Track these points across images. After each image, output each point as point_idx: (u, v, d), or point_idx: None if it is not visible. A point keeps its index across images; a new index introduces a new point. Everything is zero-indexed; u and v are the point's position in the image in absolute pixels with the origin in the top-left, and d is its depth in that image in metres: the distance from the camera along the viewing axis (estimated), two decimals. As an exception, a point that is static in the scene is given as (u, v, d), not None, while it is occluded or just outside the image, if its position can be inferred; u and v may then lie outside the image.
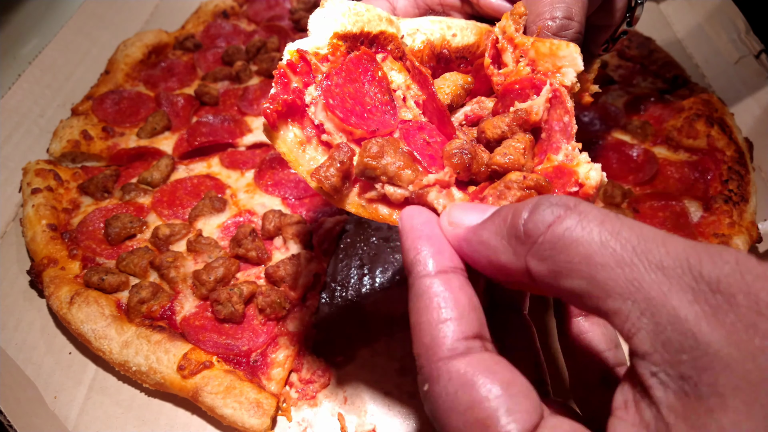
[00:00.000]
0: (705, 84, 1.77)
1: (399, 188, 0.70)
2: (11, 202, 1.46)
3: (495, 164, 0.71)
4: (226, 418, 1.05)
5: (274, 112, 0.73)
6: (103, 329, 1.14)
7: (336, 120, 0.74)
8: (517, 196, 0.65)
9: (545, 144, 0.73)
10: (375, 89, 0.80)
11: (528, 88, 0.75)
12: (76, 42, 1.83)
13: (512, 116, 0.73)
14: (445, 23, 0.88)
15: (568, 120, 0.71)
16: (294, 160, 0.75)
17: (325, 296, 1.31)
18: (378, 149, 0.69)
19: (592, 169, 0.66)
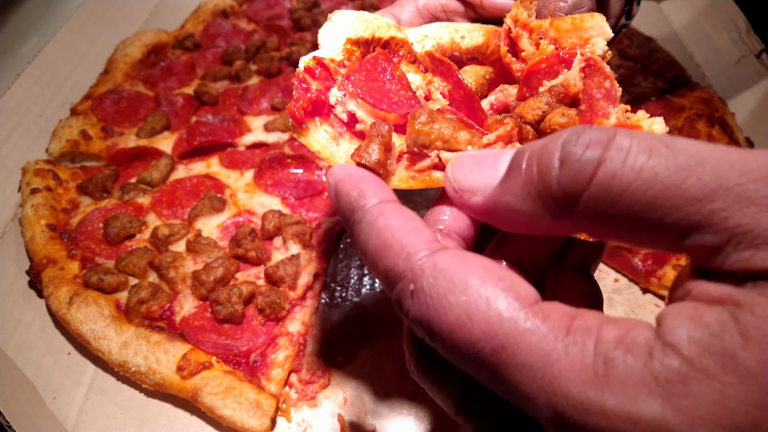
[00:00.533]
0: (706, 84, 1.76)
1: (457, 152, 0.68)
2: (10, 202, 1.46)
3: (556, 124, 0.68)
4: (225, 419, 1.05)
5: (301, 109, 0.73)
6: (102, 329, 1.14)
7: (368, 107, 0.74)
8: None
9: (588, 114, 0.72)
10: (397, 86, 0.80)
11: (556, 64, 0.74)
12: (76, 41, 1.83)
13: (549, 94, 0.72)
14: (452, 27, 0.89)
15: (610, 85, 0.71)
16: (330, 155, 0.75)
17: (325, 296, 1.31)
18: (428, 117, 0.68)
19: (655, 123, 0.65)
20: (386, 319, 1.25)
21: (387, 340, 1.21)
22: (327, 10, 2.04)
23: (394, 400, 1.12)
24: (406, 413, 1.10)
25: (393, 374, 1.16)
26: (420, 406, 1.11)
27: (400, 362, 1.18)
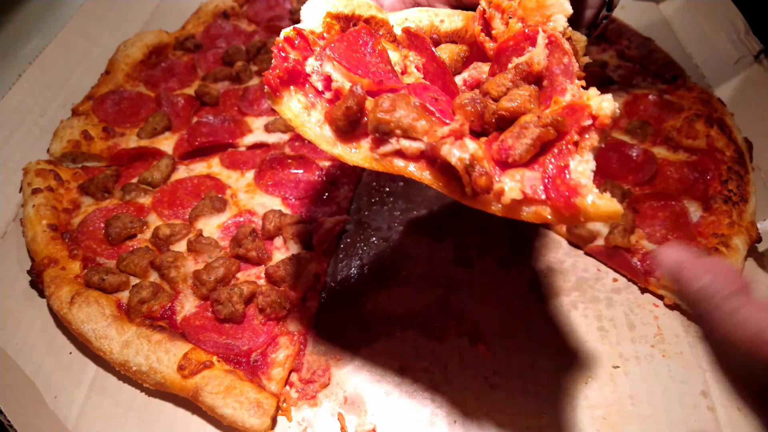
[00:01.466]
0: (704, 84, 1.77)
1: (414, 141, 0.71)
2: (12, 202, 1.46)
3: (502, 109, 0.71)
4: (226, 418, 1.05)
5: (276, 77, 0.75)
6: (103, 329, 1.14)
7: (343, 69, 0.76)
8: (536, 133, 0.66)
9: (549, 90, 0.74)
10: (376, 59, 0.82)
11: (522, 41, 0.77)
12: (77, 42, 1.84)
13: (514, 71, 0.74)
14: (432, 12, 0.92)
15: (568, 60, 0.73)
16: (301, 124, 0.77)
17: (324, 296, 1.31)
18: (390, 103, 0.70)
19: (604, 100, 0.66)
20: (386, 319, 1.26)
21: (387, 340, 1.22)
22: (327, 11, 2.05)
23: (394, 399, 1.13)
24: (406, 413, 1.11)
25: (393, 373, 1.17)
26: (420, 405, 1.12)
27: (400, 362, 1.18)
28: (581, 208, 0.63)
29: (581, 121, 0.67)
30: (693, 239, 1.31)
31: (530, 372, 1.16)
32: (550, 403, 1.11)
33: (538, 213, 0.67)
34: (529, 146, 0.67)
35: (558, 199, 0.65)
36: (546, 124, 0.67)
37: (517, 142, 0.67)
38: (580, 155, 0.67)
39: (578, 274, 1.35)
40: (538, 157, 0.69)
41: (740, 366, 0.61)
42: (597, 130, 0.67)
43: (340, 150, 0.76)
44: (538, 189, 0.66)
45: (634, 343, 1.21)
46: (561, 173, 0.66)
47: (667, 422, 1.08)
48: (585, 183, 0.64)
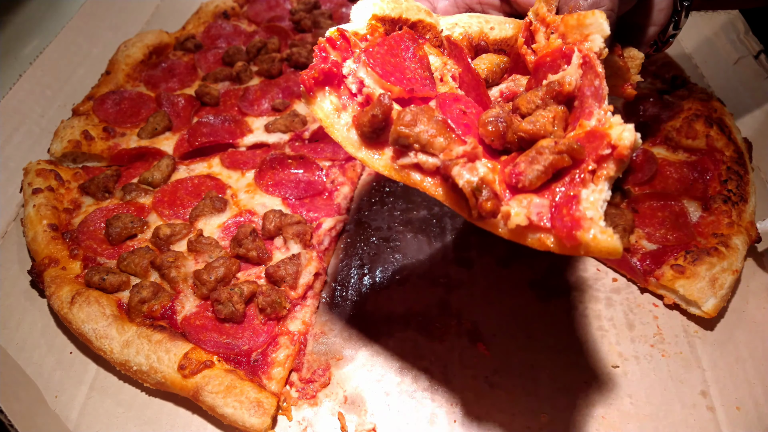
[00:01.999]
0: (704, 84, 1.77)
1: (431, 156, 0.71)
2: (12, 202, 1.46)
3: (521, 131, 0.71)
4: (226, 418, 1.06)
5: (311, 78, 0.77)
6: (104, 329, 1.14)
7: (375, 76, 0.77)
8: (549, 160, 0.66)
9: (578, 112, 0.74)
10: (415, 65, 0.83)
11: (558, 58, 0.76)
12: (77, 42, 1.84)
13: (545, 89, 0.74)
14: (484, 18, 0.92)
15: (599, 83, 0.72)
16: (330, 125, 0.79)
17: (325, 296, 1.31)
18: (411, 117, 0.71)
19: (626, 130, 0.65)
20: (386, 319, 1.26)
21: (387, 340, 1.22)
22: (327, 11, 2.05)
23: (394, 399, 1.13)
24: (406, 412, 1.11)
25: (393, 373, 1.17)
26: (420, 405, 1.12)
27: (400, 361, 1.19)
28: (582, 241, 0.62)
29: (600, 150, 0.66)
30: (693, 239, 1.32)
31: (530, 371, 1.16)
32: (549, 403, 1.11)
33: (542, 241, 0.66)
34: (540, 173, 0.66)
35: (561, 229, 0.64)
36: (561, 151, 0.66)
37: (529, 168, 0.67)
38: (595, 184, 0.66)
39: (578, 274, 1.35)
40: (550, 183, 0.68)
41: None
42: (615, 161, 0.65)
43: (364, 154, 0.78)
44: (544, 217, 0.66)
45: (634, 342, 1.21)
46: (569, 203, 0.65)
47: (667, 422, 1.08)
48: (591, 215, 0.63)
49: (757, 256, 1.35)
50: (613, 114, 0.69)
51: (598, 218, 0.63)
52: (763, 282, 1.31)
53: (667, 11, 1.07)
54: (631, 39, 1.10)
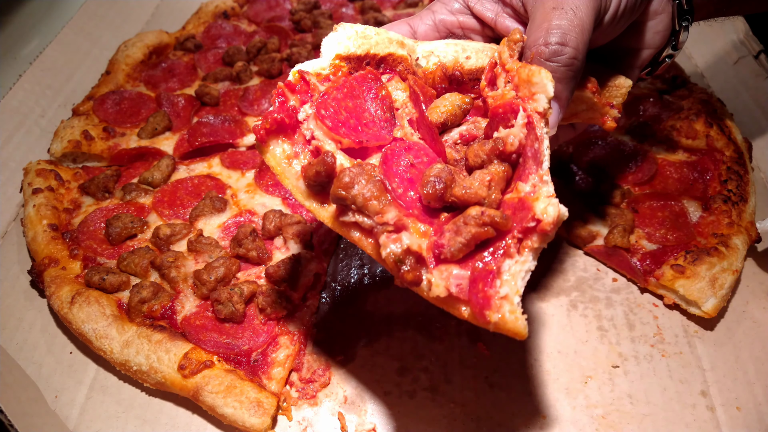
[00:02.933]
0: (704, 84, 1.77)
1: (367, 218, 0.72)
2: (12, 202, 1.46)
3: (454, 196, 0.72)
4: (226, 418, 1.06)
5: (263, 128, 0.78)
6: (104, 329, 1.14)
7: (325, 128, 0.78)
8: (472, 232, 0.67)
9: (521, 170, 0.74)
10: (376, 106, 0.84)
11: (509, 112, 0.77)
12: (77, 42, 1.84)
13: (491, 146, 0.75)
14: (461, 46, 0.92)
15: (538, 146, 0.72)
16: (281, 173, 0.80)
17: (325, 296, 1.31)
18: (349, 179, 0.72)
19: (550, 205, 0.66)
20: (386, 319, 1.26)
21: (387, 340, 1.22)
22: (327, 11, 2.05)
23: (394, 399, 1.13)
24: (406, 412, 1.11)
25: (393, 373, 1.17)
26: (420, 405, 1.12)
27: (400, 362, 1.19)
28: (490, 320, 0.64)
29: (524, 222, 0.67)
30: (693, 239, 1.32)
31: (530, 371, 1.16)
32: (549, 403, 1.11)
33: (460, 311, 0.68)
34: (462, 245, 0.67)
35: (475, 304, 0.66)
36: (485, 223, 0.67)
37: (452, 239, 0.68)
38: (519, 255, 0.67)
39: (578, 273, 1.35)
40: (475, 253, 0.69)
41: None
42: (538, 234, 0.66)
43: (311, 205, 0.79)
44: (463, 288, 0.67)
45: (634, 342, 1.21)
46: (485, 278, 0.66)
47: (667, 422, 1.08)
48: (506, 293, 0.64)
49: (757, 256, 1.35)
50: (547, 182, 0.69)
51: (514, 293, 0.65)
52: (764, 282, 1.31)
53: (665, 33, 1.03)
54: (622, 63, 1.07)
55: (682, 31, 1.03)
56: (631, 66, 1.08)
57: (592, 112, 1.04)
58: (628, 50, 1.06)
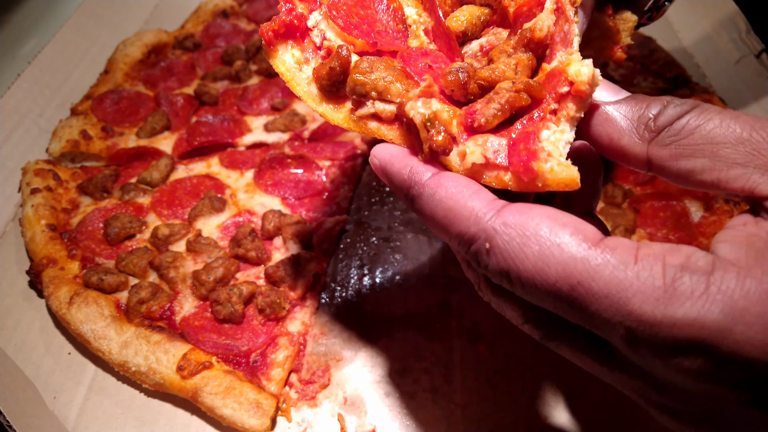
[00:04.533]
0: (706, 84, 1.76)
1: (389, 104, 0.69)
2: (10, 202, 1.46)
3: (480, 78, 0.69)
4: (225, 419, 1.05)
5: (270, 31, 0.75)
6: (102, 329, 1.14)
7: (337, 28, 0.75)
8: (506, 97, 0.64)
9: (548, 59, 0.71)
10: (388, 17, 0.80)
11: (534, 6, 0.73)
12: (76, 41, 1.83)
13: (518, 37, 0.72)
14: None
15: (568, 28, 0.69)
16: (291, 79, 0.77)
17: (325, 296, 1.31)
18: (368, 65, 0.69)
19: (584, 65, 0.62)
20: (386, 319, 1.25)
21: (387, 340, 1.21)
22: (327, 10, 2.04)
23: (394, 400, 1.12)
24: (406, 413, 1.10)
25: (393, 374, 1.16)
26: (420, 406, 1.12)
27: (400, 362, 1.18)
28: (538, 172, 0.61)
29: (558, 87, 0.63)
30: (694, 239, 1.31)
31: (531, 372, 1.15)
32: (551, 404, 1.11)
33: (499, 178, 0.65)
34: (497, 111, 0.64)
35: (518, 163, 0.62)
36: (519, 89, 0.64)
37: (485, 107, 0.65)
38: (556, 124, 0.63)
39: (579, 274, 1.34)
40: (508, 125, 0.66)
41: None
42: (574, 98, 0.63)
43: (324, 109, 0.76)
44: (501, 154, 0.64)
45: (635, 343, 1.20)
46: (526, 138, 0.63)
47: (668, 423, 1.08)
48: (550, 150, 0.61)
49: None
50: (579, 54, 0.66)
51: (558, 154, 0.62)
52: (765, 282, 1.30)
53: None
54: (626, 2, 1.04)
55: None
56: (634, 7, 1.06)
57: (604, 40, 1.00)
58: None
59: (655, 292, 0.51)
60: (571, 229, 0.55)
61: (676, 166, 0.61)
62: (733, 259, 0.52)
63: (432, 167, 0.66)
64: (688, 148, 0.59)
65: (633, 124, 0.63)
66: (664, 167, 0.61)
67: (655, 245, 0.54)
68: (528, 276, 0.56)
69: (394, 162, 0.68)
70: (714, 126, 0.58)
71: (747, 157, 0.57)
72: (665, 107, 0.62)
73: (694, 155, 0.59)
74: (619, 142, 0.64)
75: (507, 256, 0.57)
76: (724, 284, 0.50)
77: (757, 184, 0.56)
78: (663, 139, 0.61)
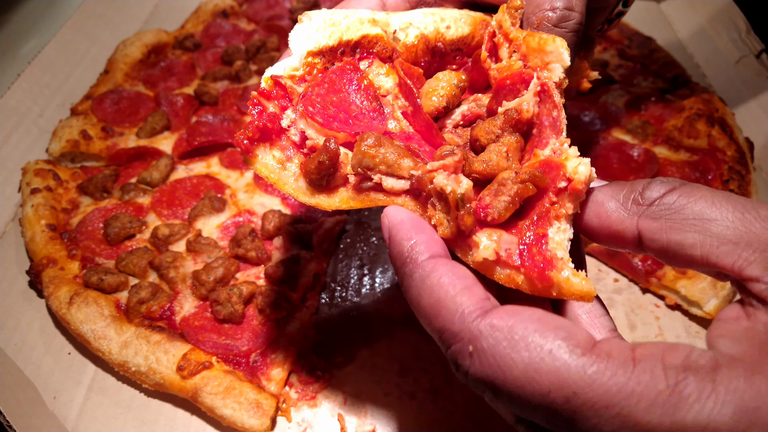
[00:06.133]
0: (706, 84, 1.76)
1: (399, 179, 0.68)
2: (10, 202, 1.46)
3: (475, 172, 0.69)
4: (225, 419, 1.05)
5: (245, 138, 0.73)
6: (102, 329, 1.14)
7: (316, 125, 0.74)
8: (515, 189, 0.64)
9: (535, 140, 0.72)
10: (361, 97, 0.79)
11: (518, 83, 0.73)
12: (76, 41, 1.83)
13: (503, 118, 0.72)
14: (438, 15, 0.87)
15: (557, 114, 0.69)
16: (277, 180, 0.75)
17: (325, 296, 1.31)
18: (375, 140, 0.68)
19: (581, 164, 0.63)
20: (386, 320, 1.25)
21: (387, 341, 1.21)
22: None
23: (393, 400, 1.12)
24: (406, 413, 1.10)
25: (393, 374, 1.16)
26: (419, 406, 1.11)
27: (400, 363, 1.18)
28: (555, 281, 0.60)
29: (556, 182, 0.64)
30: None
31: (531, 372, 1.15)
32: (550, 404, 1.11)
33: (511, 277, 0.64)
34: (508, 204, 0.64)
35: (532, 268, 0.62)
36: (524, 180, 0.64)
37: (495, 200, 0.64)
38: (558, 222, 0.64)
39: (579, 274, 1.34)
40: (517, 220, 0.66)
41: None
42: (570, 196, 0.64)
43: (317, 200, 0.74)
44: (513, 254, 0.64)
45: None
46: (539, 242, 0.63)
47: (668, 423, 1.08)
48: (561, 256, 0.61)
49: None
50: (570, 146, 0.67)
51: (568, 260, 0.62)
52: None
53: None
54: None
55: None
56: (590, 26, 1.06)
57: (574, 75, 1.01)
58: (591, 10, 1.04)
59: (659, 397, 0.47)
60: (563, 333, 0.52)
61: (666, 239, 0.59)
62: (737, 355, 0.49)
63: (434, 247, 0.63)
64: (678, 222, 0.59)
65: (620, 201, 0.63)
66: (654, 240, 0.60)
67: (650, 345, 0.52)
68: (516, 385, 0.51)
69: (402, 229, 0.65)
70: (706, 204, 0.58)
71: (738, 236, 0.56)
72: (651, 182, 0.62)
73: (684, 229, 0.58)
74: (608, 220, 0.64)
75: (493, 361, 0.53)
76: (732, 383, 0.47)
77: (749, 262, 0.55)
78: (653, 212, 0.60)
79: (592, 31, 1.07)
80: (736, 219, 0.56)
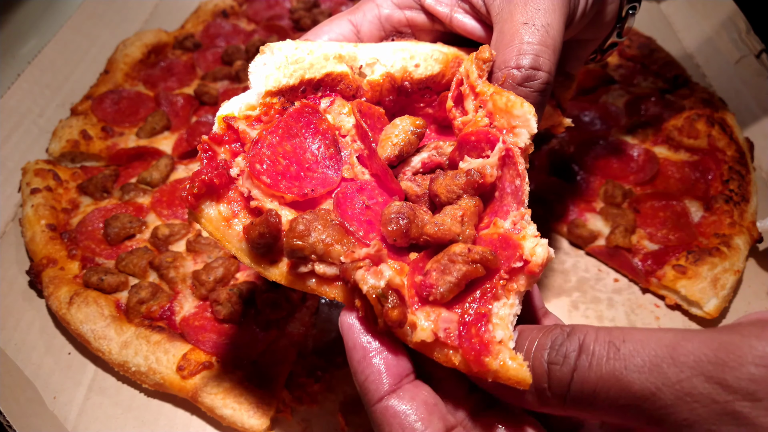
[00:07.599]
0: (706, 84, 1.76)
1: (330, 266, 0.66)
2: (10, 202, 1.46)
3: (426, 235, 0.67)
4: (225, 419, 1.05)
5: (190, 194, 0.69)
6: (102, 329, 1.14)
7: (263, 186, 0.70)
8: (463, 271, 0.62)
9: (497, 205, 0.70)
10: (318, 143, 0.76)
11: (483, 141, 0.71)
12: (76, 42, 1.83)
13: (465, 179, 0.69)
14: (408, 52, 0.83)
15: (520, 183, 0.68)
16: (221, 237, 0.71)
17: (324, 296, 1.31)
18: (304, 227, 0.65)
19: (538, 245, 0.62)
20: (386, 319, 1.25)
21: (387, 340, 1.21)
22: (327, 10, 2.04)
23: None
24: (406, 413, 1.10)
25: (393, 374, 1.16)
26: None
27: (400, 362, 1.18)
28: (490, 368, 0.59)
29: (511, 262, 0.63)
30: (694, 239, 1.31)
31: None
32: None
33: (449, 358, 0.63)
34: (453, 285, 0.62)
35: (469, 351, 0.60)
36: (474, 261, 0.62)
37: (441, 279, 0.63)
38: (506, 297, 0.63)
39: (579, 274, 1.34)
40: (462, 295, 0.64)
41: None
42: (526, 276, 0.63)
43: (261, 268, 0.71)
44: (452, 333, 0.62)
45: (635, 343, 1.20)
46: (478, 322, 0.61)
47: (668, 423, 1.08)
48: (501, 337, 0.60)
49: (758, 256, 1.34)
50: (531, 221, 0.66)
51: (508, 338, 0.60)
52: (765, 282, 1.30)
53: (612, 22, 0.99)
54: (569, 56, 1.01)
55: (628, 18, 1.00)
56: (578, 58, 1.04)
57: (547, 121, 1.01)
58: (582, 41, 1.01)
59: None
60: None
61: (599, 414, 0.58)
62: None
63: (382, 385, 0.63)
64: (606, 402, 0.56)
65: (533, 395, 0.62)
66: (587, 414, 0.61)
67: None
68: None
69: (354, 354, 0.64)
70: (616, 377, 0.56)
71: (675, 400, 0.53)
72: (551, 367, 0.60)
73: (614, 408, 0.57)
74: (531, 406, 0.63)
75: None
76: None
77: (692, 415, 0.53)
78: (574, 404, 0.59)
79: (579, 63, 1.04)
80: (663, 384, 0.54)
